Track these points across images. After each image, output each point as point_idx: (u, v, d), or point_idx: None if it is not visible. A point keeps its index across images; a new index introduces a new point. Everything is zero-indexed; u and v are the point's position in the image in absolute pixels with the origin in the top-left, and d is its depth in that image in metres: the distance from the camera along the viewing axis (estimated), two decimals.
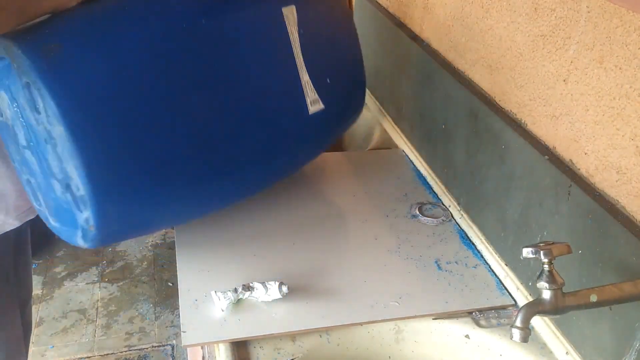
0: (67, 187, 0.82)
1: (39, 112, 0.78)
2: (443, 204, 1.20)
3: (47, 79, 0.76)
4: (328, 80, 0.82)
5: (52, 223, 0.92)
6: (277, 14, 1.00)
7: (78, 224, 0.85)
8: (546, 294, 0.65)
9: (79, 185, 0.81)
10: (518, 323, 0.63)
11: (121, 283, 2.32)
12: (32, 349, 1.89)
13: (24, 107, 0.80)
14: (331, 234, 1.10)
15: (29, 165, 0.87)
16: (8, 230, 1.01)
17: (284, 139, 1.04)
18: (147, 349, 2.05)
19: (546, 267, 0.65)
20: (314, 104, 1.05)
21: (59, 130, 0.78)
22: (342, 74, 1.14)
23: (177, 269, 0.99)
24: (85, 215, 0.83)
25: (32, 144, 0.83)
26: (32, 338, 1.61)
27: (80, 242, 0.87)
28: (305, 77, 1.03)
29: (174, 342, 2.07)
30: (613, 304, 0.70)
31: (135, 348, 2.05)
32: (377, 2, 1.58)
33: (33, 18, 0.79)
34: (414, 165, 1.33)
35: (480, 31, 1.06)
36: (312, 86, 1.04)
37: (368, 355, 0.93)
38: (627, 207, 0.74)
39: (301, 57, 1.02)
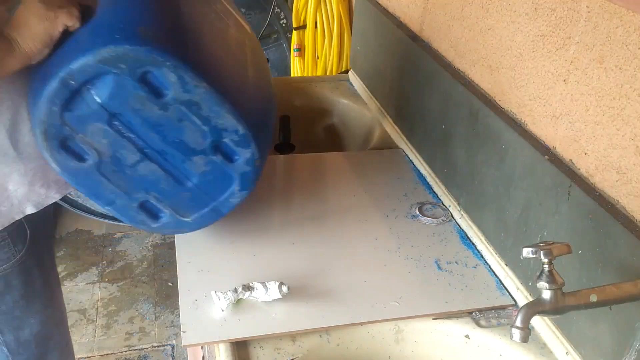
0: (217, 147, 0.89)
1: (164, 95, 0.82)
2: (443, 204, 1.20)
3: (170, 53, 0.80)
4: None
5: (182, 218, 0.96)
6: None
7: (234, 177, 0.92)
8: (546, 294, 0.65)
9: (237, 128, 0.87)
10: (518, 323, 0.63)
11: (121, 283, 2.32)
12: None
13: (140, 106, 0.83)
14: (331, 234, 1.10)
15: (146, 179, 0.90)
16: (50, 203, 1.05)
17: None
18: (147, 349, 2.05)
19: (546, 267, 0.65)
20: None
21: (200, 92, 0.83)
22: None
23: (177, 269, 0.99)
24: (249, 152, 0.90)
25: (147, 150, 0.87)
26: None
27: (236, 198, 0.94)
28: None
29: (174, 342, 2.08)
30: (613, 304, 0.70)
31: (135, 348, 2.05)
32: (377, 2, 1.58)
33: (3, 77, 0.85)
34: (414, 165, 1.33)
35: (480, 31, 1.07)
36: None
37: (368, 355, 0.93)
38: (627, 207, 0.74)
39: None
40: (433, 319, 0.93)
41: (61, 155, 0.86)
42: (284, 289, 0.91)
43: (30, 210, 1.01)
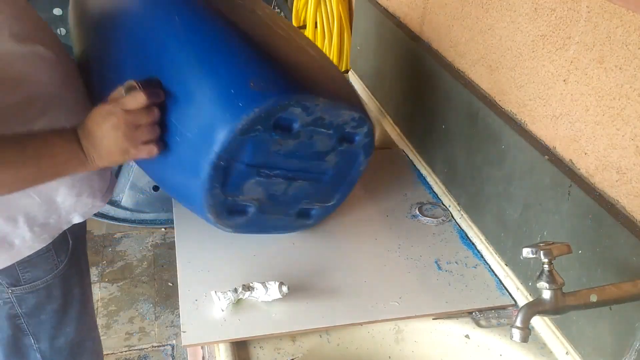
0: (342, 139, 0.96)
1: (294, 128, 0.89)
2: (443, 204, 1.20)
3: (289, 91, 0.86)
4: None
5: (328, 204, 1.05)
6: None
7: (359, 151, 1.00)
8: (546, 294, 0.65)
9: (353, 116, 0.94)
10: (518, 323, 0.63)
11: (121, 283, 2.32)
12: None
13: (278, 147, 0.90)
14: (331, 234, 1.10)
15: (295, 195, 0.99)
16: (96, 211, 1.06)
17: None
18: (147, 349, 2.05)
19: (546, 267, 0.65)
20: None
21: (320, 107, 0.89)
22: None
23: (177, 269, 0.99)
24: (366, 127, 0.97)
25: (291, 174, 0.95)
26: None
27: (364, 165, 1.02)
28: None
29: (174, 342, 2.08)
30: (613, 304, 0.70)
31: (136, 348, 2.05)
32: (377, 2, 1.58)
33: None
34: (414, 165, 1.33)
35: (480, 31, 1.07)
36: None
37: (368, 355, 0.93)
38: (627, 207, 0.74)
39: None
40: (433, 319, 0.93)
41: (230, 219, 0.96)
42: (284, 289, 0.91)
43: (77, 219, 1.02)
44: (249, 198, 0.94)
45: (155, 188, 2.49)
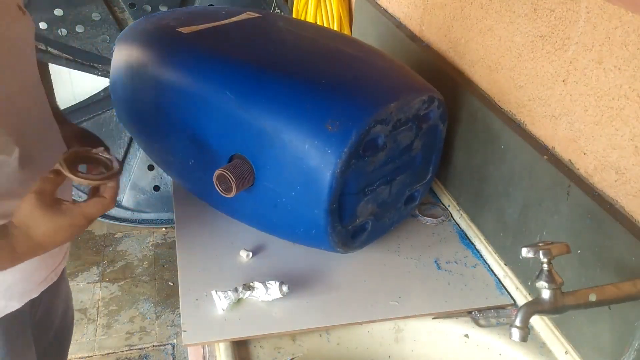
0: (426, 131, 1.01)
1: (379, 144, 0.91)
2: (442, 204, 1.20)
3: (369, 113, 0.87)
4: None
5: (421, 184, 1.08)
6: None
7: (439, 128, 1.04)
8: (545, 294, 0.66)
9: (424, 98, 0.97)
10: (517, 322, 0.63)
11: (122, 283, 2.32)
12: None
13: (373, 165, 0.92)
14: None
15: (399, 190, 1.03)
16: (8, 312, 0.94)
17: None
18: (147, 348, 2.05)
19: (545, 266, 0.66)
20: None
21: (397, 108, 0.91)
22: None
23: (178, 268, 1.00)
24: (437, 100, 1.00)
25: (389, 177, 0.98)
26: None
27: (442, 137, 1.06)
28: None
29: (175, 341, 2.08)
30: (612, 303, 0.70)
31: (136, 347, 2.05)
32: (377, 2, 1.59)
33: None
34: None
35: (479, 32, 1.07)
36: None
37: (368, 354, 0.94)
38: (626, 207, 0.75)
39: None
40: (432, 318, 0.93)
41: (355, 242, 0.99)
42: (284, 288, 0.91)
43: None
44: (364, 218, 0.97)
45: (156, 188, 2.49)
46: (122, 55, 1.09)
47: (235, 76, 0.94)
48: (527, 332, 0.63)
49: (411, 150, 1.00)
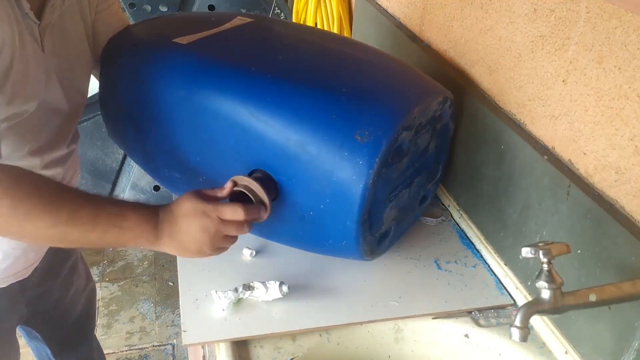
0: (439, 132, 1.02)
1: (404, 149, 0.91)
2: (442, 204, 1.20)
3: (396, 123, 0.86)
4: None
5: (431, 184, 1.10)
6: None
7: (449, 126, 1.05)
8: (545, 294, 0.66)
9: (440, 99, 0.97)
10: (517, 322, 0.64)
11: (122, 282, 2.32)
12: None
13: (397, 172, 0.93)
14: None
15: (417, 191, 1.04)
16: None
17: None
18: (147, 348, 2.05)
19: (545, 266, 0.66)
20: None
21: (420, 114, 0.91)
22: None
23: (178, 268, 1.00)
24: (449, 100, 1.00)
25: (408, 181, 0.98)
26: None
27: (450, 135, 1.08)
28: None
29: (175, 341, 2.08)
30: (612, 303, 0.70)
31: (136, 347, 2.05)
32: (377, 2, 1.59)
33: None
34: None
35: (479, 32, 1.07)
36: None
37: (368, 354, 0.94)
38: (626, 207, 0.75)
39: None
40: (432, 318, 0.93)
41: (381, 248, 0.98)
42: (284, 288, 0.91)
43: None
44: (389, 222, 0.97)
45: (156, 188, 2.49)
46: (113, 71, 1.04)
47: (251, 89, 0.89)
48: (527, 332, 0.63)
49: (427, 151, 1.01)
